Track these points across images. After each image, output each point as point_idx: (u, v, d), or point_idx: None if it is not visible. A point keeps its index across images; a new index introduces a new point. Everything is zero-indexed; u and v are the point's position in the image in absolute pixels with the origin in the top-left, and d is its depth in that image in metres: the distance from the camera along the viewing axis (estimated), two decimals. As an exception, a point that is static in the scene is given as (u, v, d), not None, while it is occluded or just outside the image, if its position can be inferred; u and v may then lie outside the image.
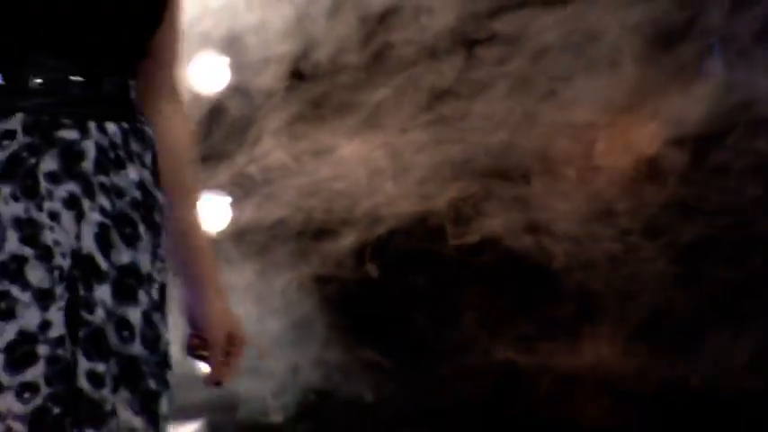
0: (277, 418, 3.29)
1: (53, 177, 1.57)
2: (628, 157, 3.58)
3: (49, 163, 1.56)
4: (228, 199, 3.25)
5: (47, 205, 1.56)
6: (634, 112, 3.57)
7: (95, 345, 1.62)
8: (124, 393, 1.65)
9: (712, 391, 3.58)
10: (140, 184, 1.66)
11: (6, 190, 1.57)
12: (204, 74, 3.49)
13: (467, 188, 3.35)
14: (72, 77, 1.63)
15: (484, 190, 3.36)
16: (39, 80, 1.61)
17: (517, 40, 3.41)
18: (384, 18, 3.30)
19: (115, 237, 1.56)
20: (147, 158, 1.67)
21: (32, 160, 1.55)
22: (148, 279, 1.66)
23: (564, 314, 3.60)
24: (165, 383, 1.68)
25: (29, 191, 1.58)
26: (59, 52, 1.62)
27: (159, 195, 1.69)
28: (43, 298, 1.53)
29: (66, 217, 1.60)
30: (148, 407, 1.68)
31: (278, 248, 3.22)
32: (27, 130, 1.57)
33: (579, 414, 3.55)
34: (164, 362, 1.68)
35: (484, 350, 3.41)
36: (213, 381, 1.81)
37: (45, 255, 1.58)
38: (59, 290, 1.48)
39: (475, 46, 3.40)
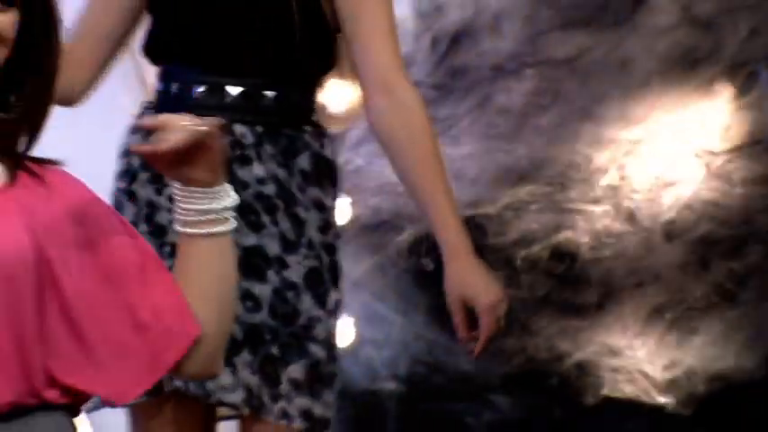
0: (390, 385, 3.92)
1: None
2: (652, 168, 4.09)
3: None
4: (348, 199, 3.49)
5: (167, 191, 1.84)
6: (660, 128, 4.06)
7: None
8: (245, 355, 1.91)
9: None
10: (272, 180, 1.92)
11: (144, 176, 1.93)
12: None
13: (511, 193, 3.84)
14: (226, 87, 1.95)
15: (527, 195, 3.86)
16: (200, 89, 1.94)
17: (565, 62, 3.89)
18: (456, 39, 3.80)
19: (239, 222, 1.62)
20: (293, 160, 1.93)
21: None
22: (279, 261, 1.92)
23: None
24: (299, 353, 1.91)
25: (156, 178, 1.91)
26: (216, 69, 1.95)
27: (309, 193, 1.96)
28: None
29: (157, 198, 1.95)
30: (266, 369, 1.91)
31: (353, 239, 3.70)
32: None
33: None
34: (303, 335, 1.91)
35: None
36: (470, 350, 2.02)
37: (158, 232, 1.92)
38: (168, 262, 1.55)
39: (529, 67, 3.84)
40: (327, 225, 2.00)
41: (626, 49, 3.99)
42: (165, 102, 1.94)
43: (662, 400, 4.11)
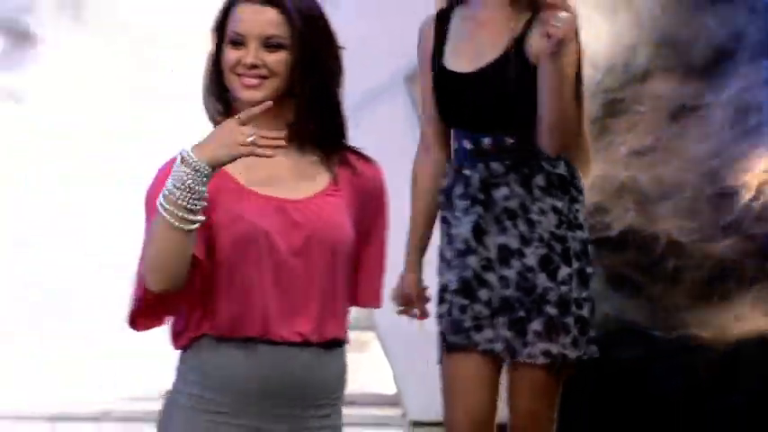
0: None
1: (460, 196, 3.25)
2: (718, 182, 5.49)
3: (458, 188, 3.24)
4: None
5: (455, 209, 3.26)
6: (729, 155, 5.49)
7: (487, 288, 3.34)
8: (501, 318, 3.22)
9: None
10: (514, 197, 3.17)
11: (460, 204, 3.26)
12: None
13: (607, 198, 5.38)
14: (484, 139, 3.21)
15: (624, 200, 5.45)
16: (466, 142, 3.26)
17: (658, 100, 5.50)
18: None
19: (491, 227, 3.17)
20: (532, 180, 3.17)
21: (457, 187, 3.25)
22: (519, 253, 3.17)
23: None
24: (538, 313, 3.17)
25: (447, 204, 3.28)
26: (480, 129, 3.22)
27: (545, 201, 3.18)
28: (463, 255, 3.24)
29: (462, 217, 3.28)
30: (516, 327, 3.20)
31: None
32: (453, 173, 3.29)
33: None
34: (539, 301, 3.17)
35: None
36: None
37: (449, 240, 3.34)
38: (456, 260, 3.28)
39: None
40: (560, 222, 3.22)
41: None
42: (458, 152, 3.31)
43: None
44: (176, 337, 2.42)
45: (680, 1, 5.55)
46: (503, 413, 3.47)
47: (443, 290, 3.30)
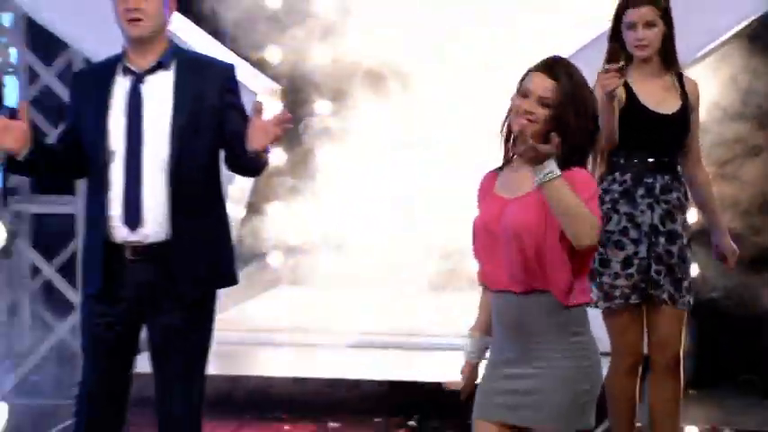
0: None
1: (642, 195, 4.75)
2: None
3: (640, 190, 4.72)
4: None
5: (640, 204, 4.76)
6: None
7: (657, 260, 4.75)
8: (666, 280, 4.74)
9: None
10: (673, 200, 4.73)
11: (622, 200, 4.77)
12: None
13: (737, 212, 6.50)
14: (648, 159, 4.77)
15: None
16: (651, 159, 4.78)
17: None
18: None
19: (665, 218, 4.71)
20: (677, 191, 4.74)
21: (636, 189, 4.76)
22: (677, 234, 4.71)
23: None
24: (682, 276, 4.73)
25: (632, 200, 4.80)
26: (643, 149, 4.76)
27: (683, 204, 4.81)
28: (635, 243, 4.73)
29: (647, 210, 4.77)
30: (680, 285, 4.71)
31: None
32: (633, 179, 4.75)
33: None
34: (683, 265, 4.72)
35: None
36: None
37: (635, 225, 4.72)
38: (644, 239, 4.73)
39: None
40: (685, 221, 4.92)
41: None
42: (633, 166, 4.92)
43: None
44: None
45: None
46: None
47: (632, 256, 4.82)
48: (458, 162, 7.55)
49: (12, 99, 7.71)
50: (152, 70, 4.66)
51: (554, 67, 3.78)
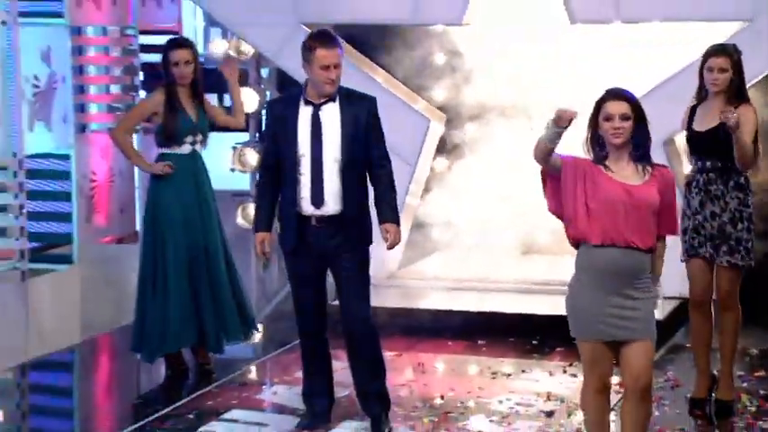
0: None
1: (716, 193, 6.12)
2: None
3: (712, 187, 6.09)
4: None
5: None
6: None
7: (720, 232, 6.09)
8: (723, 247, 6.09)
9: None
10: (720, 190, 6.09)
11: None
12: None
13: None
14: (707, 163, 6.08)
15: None
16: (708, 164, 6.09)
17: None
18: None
19: (707, 203, 6.13)
20: (733, 191, 6.08)
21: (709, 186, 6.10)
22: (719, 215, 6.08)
23: None
24: (738, 240, 6.10)
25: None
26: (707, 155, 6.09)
27: (733, 194, 6.12)
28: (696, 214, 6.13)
29: (708, 203, 6.13)
30: (734, 252, 6.14)
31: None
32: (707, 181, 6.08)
33: None
34: (727, 237, 6.09)
35: None
36: None
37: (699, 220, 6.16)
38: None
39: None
40: (740, 202, 6.07)
41: None
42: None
43: None
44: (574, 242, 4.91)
45: None
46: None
47: (686, 229, 6.09)
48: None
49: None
50: (325, 102, 5.81)
51: (621, 93, 4.86)
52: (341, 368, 6.29)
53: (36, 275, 7.79)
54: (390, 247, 5.93)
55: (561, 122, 4.80)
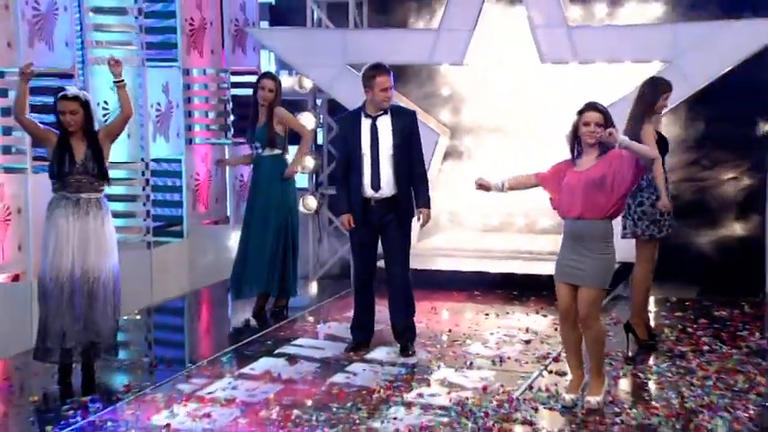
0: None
1: None
2: None
3: None
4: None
5: None
6: None
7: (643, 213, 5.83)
8: (643, 224, 5.83)
9: None
10: None
11: None
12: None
13: None
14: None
15: None
16: None
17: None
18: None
19: None
20: None
21: None
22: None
23: None
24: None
25: None
26: None
27: None
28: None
29: None
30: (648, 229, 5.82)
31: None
32: None
33: None
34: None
35: None
36: None
37: None
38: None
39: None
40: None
41: None
42: None
43: None
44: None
45: None
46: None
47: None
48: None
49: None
50: (380, 115, 5.98)
51: (596, 106, 4.95)
52: (378, 310, 6.41)
53: (158, 246, 8.02)
54: (423, 226, 6.06)
55: (479, 187, 5.19)
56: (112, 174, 5.83)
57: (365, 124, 6.01)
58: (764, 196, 7.69)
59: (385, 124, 6.00)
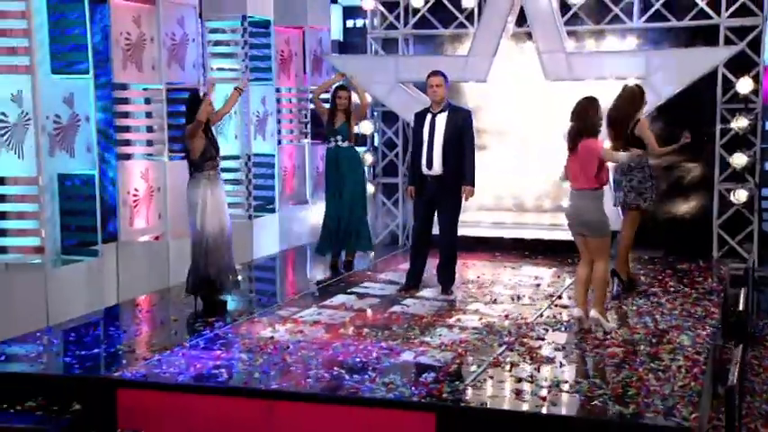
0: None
1: None
2: None
3: None
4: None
5: None
6: None
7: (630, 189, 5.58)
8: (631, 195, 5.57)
9: None
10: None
11: None
12: None
13: None
14: None
15: None
16: None
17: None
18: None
19: None
20: None
21: None
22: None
23: None
24: None
25: None
26: None
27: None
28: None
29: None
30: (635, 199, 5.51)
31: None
32: None
33: None
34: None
35: None
36: None
37: None
38: None
39: None
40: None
41: None
42: None
43: None
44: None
45: None
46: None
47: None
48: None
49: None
50: (439, 113, 5.96)
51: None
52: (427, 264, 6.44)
53: (257, 218, 8.19)
54: (466, 200, 5.96)
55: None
56: (223, 164, 6.12)
57: (428, 119, 6.06)
58: (712, 182, 7.72)
59: (442, 119, 6.01)
